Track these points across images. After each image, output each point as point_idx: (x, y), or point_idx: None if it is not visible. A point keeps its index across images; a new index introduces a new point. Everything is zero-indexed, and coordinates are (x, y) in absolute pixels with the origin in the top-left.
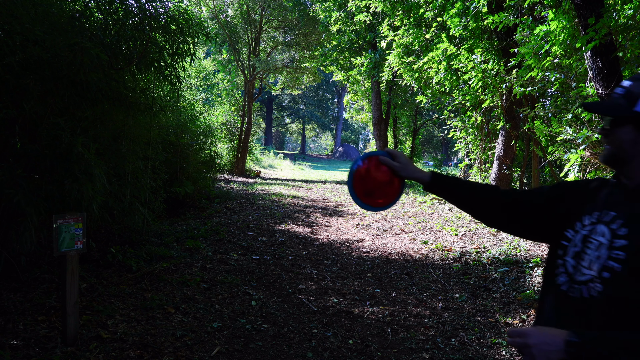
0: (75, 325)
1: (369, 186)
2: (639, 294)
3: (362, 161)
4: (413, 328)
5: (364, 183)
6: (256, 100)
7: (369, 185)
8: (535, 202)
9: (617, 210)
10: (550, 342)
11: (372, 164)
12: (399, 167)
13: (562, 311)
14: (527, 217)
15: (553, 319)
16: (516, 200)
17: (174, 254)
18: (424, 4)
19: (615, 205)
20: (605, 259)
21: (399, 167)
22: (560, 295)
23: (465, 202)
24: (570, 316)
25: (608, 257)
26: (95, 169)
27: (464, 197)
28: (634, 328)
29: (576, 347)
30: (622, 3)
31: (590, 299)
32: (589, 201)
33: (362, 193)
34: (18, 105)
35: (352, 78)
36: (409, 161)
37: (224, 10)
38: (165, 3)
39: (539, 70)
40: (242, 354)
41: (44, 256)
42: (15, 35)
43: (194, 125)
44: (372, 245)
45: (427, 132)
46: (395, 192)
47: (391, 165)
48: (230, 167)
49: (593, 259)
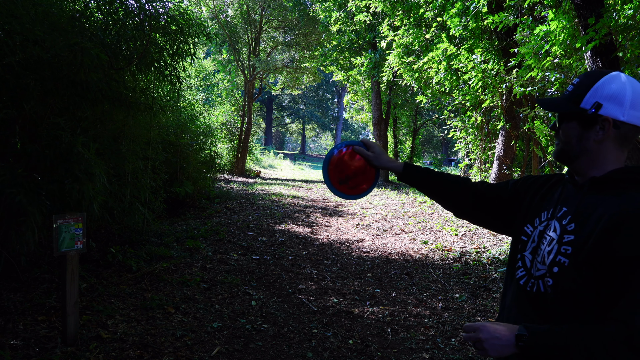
0: (75, 325)
1: (343, 174)
2: (585, 288)
3: (337, 150)
4: (413, 328)
5: (338, 171)
6: (256, 100)
7: (343, 174)
8: (501, 195)
9: (568, 206)
10: (501, 336)
11: (347, 153)
12: (372, 157)
13: (521, 305)
14: (493, 208)
15: (514, 312)
16: (484, 192)
17: (174, 254)
18: (424, 4)
19: (567, 201)
20: (555, 254)
21: (373, 157)
22: (520, 290)
23: (436, 192)
24: (529, 310)
25: (557, 252)
26: (95, 168)
27: (434, 186)
28: (584, 321)
29: (526, 340)
30: (622, 3)
31: (545, 294)
32: (547, 197)
33: (336, 180)
34: (18, 105)
35: (352, 78)
36: (382, 151)
37: (224, 10)
38: (165, 3)
39: (539, 70)
40: (242, 354)
41: (44, 256)
42: (15, 35)
43: (194, 125)
44: (372, 245)
45: (427, 132)
46: (368, 181)
47: (365, 155)
48: (230, 167)
49: (545, 255)
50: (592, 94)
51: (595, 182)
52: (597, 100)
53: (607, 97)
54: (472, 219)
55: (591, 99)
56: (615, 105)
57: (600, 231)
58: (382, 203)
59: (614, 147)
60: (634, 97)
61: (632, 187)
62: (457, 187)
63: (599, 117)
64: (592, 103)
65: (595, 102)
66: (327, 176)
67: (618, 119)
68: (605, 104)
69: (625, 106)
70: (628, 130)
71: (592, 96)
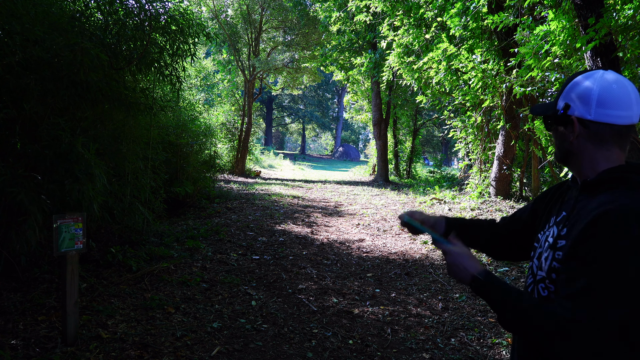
0: (75, 325)
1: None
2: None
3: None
4: (413, 328)
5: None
6: (256, 100)
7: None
8: (522, 217)
9: (567, 210)
10: (462, 268)
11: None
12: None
13: None
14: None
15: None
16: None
17: (174, 254)
18: (424, 4)
19: (567, 205)
20: (551, 260)
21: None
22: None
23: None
24: None
25: (553, 258)
26: (95, 169)
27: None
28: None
29: (479, 284)
30: (622, 3)
31: (547, 298)
32: (557, 202)
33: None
34: (18, 105)
35: (352, 78)
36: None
37: (224, 10)
38: (165, 3)
39: (539, 70)
40: (242, 354)
41: (44, 256)
42: (15, 35)
43: (194, 125)
44: (372, 245)
45: (427, 132)
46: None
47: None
48: (230, 167)
49: (543, 260)
50: (564, 95)
51: (586, 184)
52: (567, 101)
53: (574, 98)
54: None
55: (562, 100)
56: (581, 105)
57: (578, 235)
58: (382, 203)
59: (593, 146)
60: (601, 95)
61: (617, 187)
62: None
63: (569, 118)
64: (563, 104)
65: (565, 103)
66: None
67: (585, 118)
68: (572, 105)
69: (591, 105)
70: (599, 128)
71: (563, 97)
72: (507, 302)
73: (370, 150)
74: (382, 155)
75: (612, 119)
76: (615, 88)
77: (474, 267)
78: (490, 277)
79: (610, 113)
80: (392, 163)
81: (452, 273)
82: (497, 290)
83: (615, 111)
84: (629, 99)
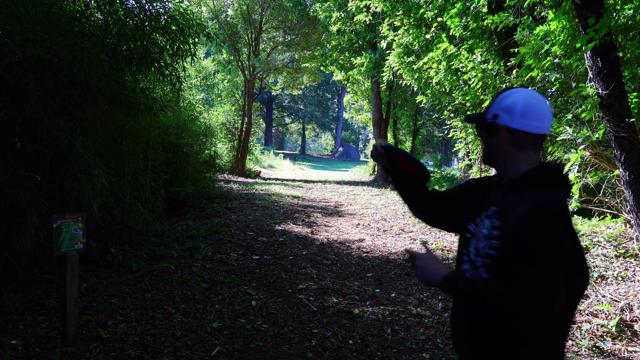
0: (75, 325)
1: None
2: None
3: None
4: (413, 328)
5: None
6: (256, 100)
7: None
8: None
9: (497, 205)
10: (431, 272)
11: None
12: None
13: None
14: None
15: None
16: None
17: (174, 254)
18: (424, 4)
19: (496, 200)
20: (487, 248)
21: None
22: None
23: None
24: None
25: (488, 246)
26: (94, 169)
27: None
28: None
29: (450, 284)
30: (622, 3)
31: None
32: (486, 197)
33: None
34: (18, 105)
35: (352, 78)
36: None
37: (224, 10)
38: (166, 3)
39: (539, 70)
40: (242, 354)
41: (44, 256)
42: (15, 35)
43: (194, 125)
44: (372, 245)
45: (427, 132)
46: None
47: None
48: (230, 167)
49: (480, 249)
50: (494, 107)
51: (512, 183)
52: (495, 112)
53: (502, 109)
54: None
55: (492, 111)
56: (507, 115)
57: (516, 226)
58: (382, 203)
59: (516, 151)
60: (524, 108)
61: (541, 185)
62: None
63: (497, 125)
64: (492, 114)
65: (494, 113)
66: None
67: (510, 127)
68: (500, 115)
69: (515, 116)
70: (521, 135)
71: (494, 109)
72: (478, 295)
73: (370, 150)
74: None
75: (532, 128)
76: (535, 103)
77: (443, 270)
78: (460, 275)
79: (530, 123)
80: None
81: (421, 275)
82: (467, 287)
83: (534, 122)
84: (545, 113)
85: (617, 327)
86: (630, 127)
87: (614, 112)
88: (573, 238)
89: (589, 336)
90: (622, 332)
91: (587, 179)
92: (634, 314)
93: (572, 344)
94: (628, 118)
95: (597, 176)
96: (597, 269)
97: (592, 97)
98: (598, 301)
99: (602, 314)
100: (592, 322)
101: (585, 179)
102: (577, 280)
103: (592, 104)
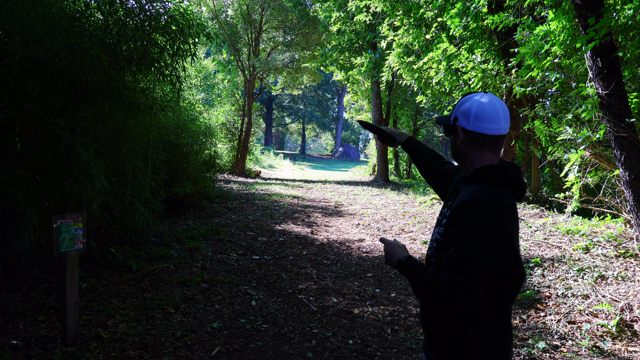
0: (75, 325)
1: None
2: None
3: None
4: (413, 328)
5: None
6: (256, 100)
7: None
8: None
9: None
10: (393, 255)
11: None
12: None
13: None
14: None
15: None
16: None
17: (174, 254)
18: (424, 4)
19: (456, 192)
20: (436, 234)
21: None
22: (427, 257)
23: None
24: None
25: (437, 232)
26: (94, 169)
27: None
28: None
29: (402, 265)
30: (622, 3)
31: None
32: (455, 189)
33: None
34: (18, 105)
35: (352, 78)
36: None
37: (224, 10)
38: (166, 3)
39: (539, 70)
40: (242, 354)
41: (44, 256)
42: (15, 35)
43: (194, 125)
44: (372, 245)
45: (427, 132)
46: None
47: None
48: (230, 167)
49: (434, 234)
50: (455, 110)
51: (465, 178)
52: (456, 115)
53: (460, 113)
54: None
55: (453, 114)
56: (464, 118)
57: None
58: (382, 203)
59: (473, 150)
60: (477, 112)
61: (483, 182)
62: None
63: (457, 127)
64: (453, 117)
65: (454, 116)
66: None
67: (466, 128)
68: (459, 118)
69: (470, 119)
70: (476, 137)
71: (454, 112)
72: (417, 276)
73: (370, 150)
74: (382, 155)
75: (485, 130)
76: (488, 107)
77: (401, 254)
78: (411, 260)
79: (483, 125)
80: (392, 163)
81: (386, 259)
82: (413, 269)
83: (487, 124)
84: (498, 116)
85: (617, 327)
86: (630, 127)
87: (614, 112)
88: (498, 233)
89: (589, 336)
90: (622, 332)
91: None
92: (634, 314)
93: (572, 344)
94: (628, 118)
95: (597, 176)
96: (597, 269)
97: (592, 97)
98: (598, 301)
99: (602, 314)
100: (592, 322)
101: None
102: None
103: (592, 104)
